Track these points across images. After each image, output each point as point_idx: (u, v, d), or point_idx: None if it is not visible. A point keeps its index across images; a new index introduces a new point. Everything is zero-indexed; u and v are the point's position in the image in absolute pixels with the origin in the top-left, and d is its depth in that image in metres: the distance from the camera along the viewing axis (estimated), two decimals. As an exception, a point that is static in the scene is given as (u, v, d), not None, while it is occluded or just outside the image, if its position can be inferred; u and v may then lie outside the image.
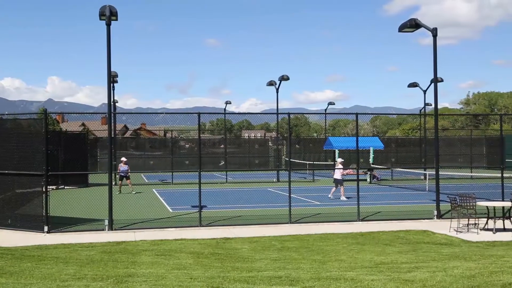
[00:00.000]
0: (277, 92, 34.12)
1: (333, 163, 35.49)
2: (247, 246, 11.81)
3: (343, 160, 23.36)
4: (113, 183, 16.44)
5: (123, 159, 25.99)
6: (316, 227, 14.61)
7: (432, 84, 17.21)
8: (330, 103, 48.22)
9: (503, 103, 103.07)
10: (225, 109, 42.74)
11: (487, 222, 14.11)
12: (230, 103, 42.49)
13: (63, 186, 27.47)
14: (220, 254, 10.69)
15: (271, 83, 34.33)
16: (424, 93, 35.09)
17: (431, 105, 36.01)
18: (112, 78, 28.59)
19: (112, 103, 17.00)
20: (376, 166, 33.62)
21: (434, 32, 16.35)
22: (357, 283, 6.82)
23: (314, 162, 39.35)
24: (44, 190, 13.96)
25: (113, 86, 31.65)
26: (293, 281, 7.17)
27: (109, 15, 14.57)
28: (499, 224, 14.03)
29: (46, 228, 13.89)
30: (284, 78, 32.94)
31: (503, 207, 14.27)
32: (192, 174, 19.32)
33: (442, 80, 31.83)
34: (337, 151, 34.46)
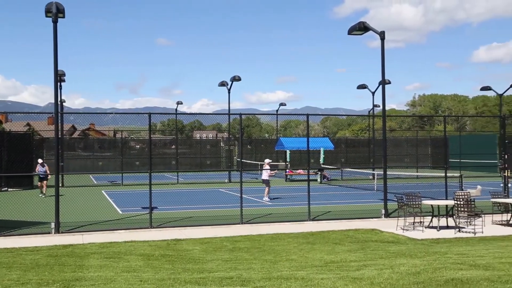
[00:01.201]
0: (229, 92, 34.12)
1: (285, 163, 35.85)
2: (198, 247, 11.75)
3: (270, 160, 23.48)
4: (60, 185, 15.98)
5: (40, 160, 24.86)
6: (268, 227, 14.69)
7: (380, 86, 17.63)
8: (281, 104, 48.67)
9: (447, 105, 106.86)
10: (176, 109, 42.38)
11: (431, 220, 14.59)
12: (181, 103, 42.17)
13: (6, 188, 26.52)
14: (171, 255, 10.58)
15: (222, 84, 34.30)
16: (373, 95, 35.95)
17: (379, 106, 36.93)
18: (59, 77, 27.82)
19: (59, 103, 16.52)
20: (327, 166, 34.17)
21: (382, 35, 16.78)
22: (307, 282, 6.91)
23: (276, 163, 39.57)
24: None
25: (60, 85, 30.80)
26: (244, 281, 7.19)
27: (55, 12, 14.17)
28: (442, 222, 14.54)
29: (-12, 232, 13.36)
30: (235, 78, 32.98)
31: (446, 206, 14.79)
32: (142, 175, 19.03)
33: (389, 82, 32.67)
34: (288, 152, 34.81)
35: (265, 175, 22.13)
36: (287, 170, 34.54)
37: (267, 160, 23.03)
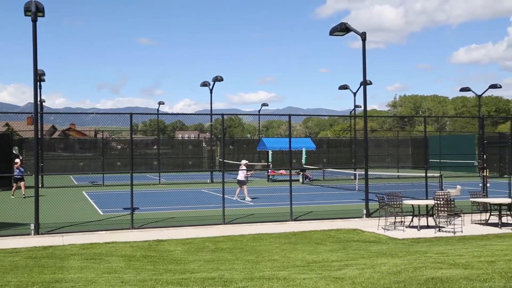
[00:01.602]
0: (211, 93, 34.06)
1: (267, 163, 35.89)
2: (180, 248, 11.70)
3: (247, 161, 23.50)
4: (40, 186, 15.77)
5: (17, 160, 24.28)
6: (250, 228, 14.70)
7: (362, 86, 17.77)
8: (263, 104, 48.71)
9: (427, 106, 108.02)
10: (158, 109, 42.14)
11: (412, 220, 14.74)
12: (163, 103, 41.95)
13: (-15, 189, 26.06)
14: (152, 256, 10.52)
15: (205, 84, 34.22)
16: (354, 95, 36.18)
17: (360, 107, 37.18)
18: (38, 77, 27.48)
19: (38, 103, 16.33)
20: (309, 166, 34.30)
21: (363, 36, 16.90)
22: (289, 282, 6.92)
23: (248, 163, 39.56)
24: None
25: (40, 85, 30.44)
26: (226, 282, 7.18)
27: (35, 11, 13.99)
28: (423, 221, 14.70)
29: (-34, 234, 13.14)
30: (218, 79, 32.93)
31: (426, 205, 14.95)
32: (124, 176, 18.89)
33: (371, 83, 32.92)
34: (270, 152, 34.86)
35: (241, 175, 22.07)
36: (269, 171, 34.59)
37: (243, 161, 22.99)
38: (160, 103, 41.87)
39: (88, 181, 32.87)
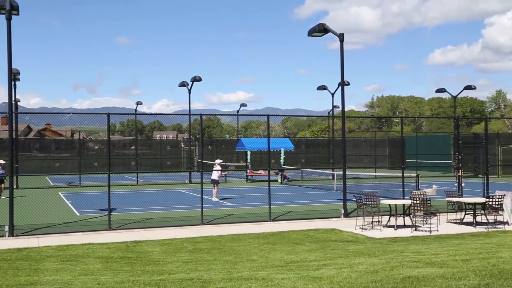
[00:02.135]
0: (189, 93, 33.92)
1: (245, 164, 35.89)
2: (158, 249, 11.63)
3: (221, 161, 23.50)
4: (15, 187, 15.53)
5: (1, 161, 23.73)
6: (229, 228, 14.68)
7: (340, 87, 17.88)
8: (242, 105, 48.72)
9: (404, 106, 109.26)
10: (136, 109, 41.84)
11: (389, 219, 14.89)
12: (141, 103, 41.66)
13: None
14: (130, 257, 10.44)
15: (183, 84, 34.06)
16: (332, 96, 36.43)
17: (338, 107, 37.43)
18: (13, 76, 27.03)
19: (13, 102, 16.05)
20: (287, 166, 34.41)
21: (341, 37, 17.01)
22: (267, 283, 6.93)
23: (227, 164, 39.54)
24: None
25: (15, 84, 29.91)
26: (204, 282, 7.15)
27: (9, 9, 13.75)
28: (400, 221, 14.87)
29: None
30: (196, 79, 32.81)
31: (403, 205, 15.13)
32: (101, 176, 18.67)
33: (349, 84, 33.18)
34: (249, 152, 34.88)
35: (215, 175, 22.01)
36: (248, 171, 34.60)
37: (218, 161, 22.93)
38: (138, 103, 41.56)
39: (65, 182, 32.44)
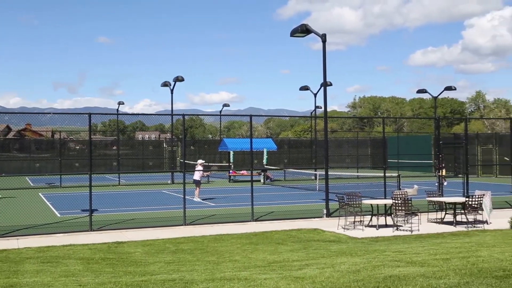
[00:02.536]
0: (172, 93, 33.79)
1: (227, 164, 35.86)
2: (140, 250, 11.55)
3: (203, 161, 23.48)
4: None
5: None
6: (211, 228, 14.65)
7: (322, 88, 17.97)
8: (225, 105, 48.69)
9: (386, 107, 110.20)
10: (117, 109, 41.50)
11: (371, 219, 15.00)
12: (123, 103, 41.35)
13: None
14: (111, 258, 10.35)
15: (165, 84, 33.92)
16: (315, 96, 36.56)
17: (321, 107, 37.60)
18: (-8, 75, 26.65)
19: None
20: (270, 167, 34.45)
21: (323, 38, 17.09)
22: (250, 283, 6.93)
23: (209, 164, 39.45)
24: None
25: (-6, 83, 29.50)
26: (187, 283, 7.13)
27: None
28: (381, 220, 14.98)
29: None
30: (179, 79, 32.69)
31: (385, 205, 15.26)
32: (82, 177, 18.44)
33: (331, 84, 33.33)
34: (231, 153, 34.85)
35: (196, 175, 21.95)
36: (231, 171, 34.57)
37: (200, 161, 22.88)
38: (120, 103, 41.26)
39: (45, 183, 32.04)
